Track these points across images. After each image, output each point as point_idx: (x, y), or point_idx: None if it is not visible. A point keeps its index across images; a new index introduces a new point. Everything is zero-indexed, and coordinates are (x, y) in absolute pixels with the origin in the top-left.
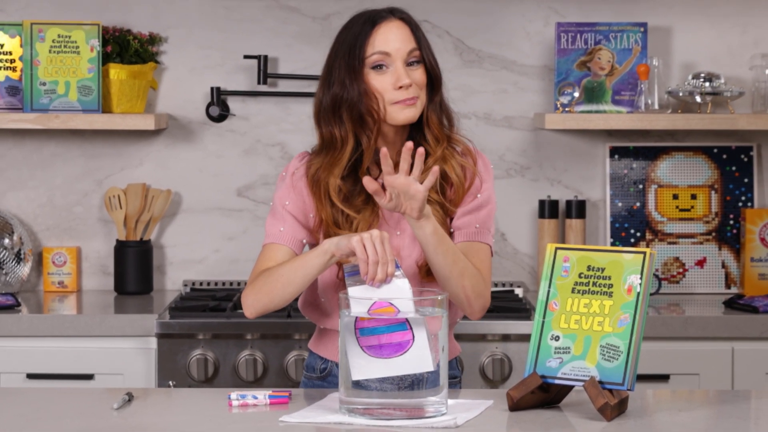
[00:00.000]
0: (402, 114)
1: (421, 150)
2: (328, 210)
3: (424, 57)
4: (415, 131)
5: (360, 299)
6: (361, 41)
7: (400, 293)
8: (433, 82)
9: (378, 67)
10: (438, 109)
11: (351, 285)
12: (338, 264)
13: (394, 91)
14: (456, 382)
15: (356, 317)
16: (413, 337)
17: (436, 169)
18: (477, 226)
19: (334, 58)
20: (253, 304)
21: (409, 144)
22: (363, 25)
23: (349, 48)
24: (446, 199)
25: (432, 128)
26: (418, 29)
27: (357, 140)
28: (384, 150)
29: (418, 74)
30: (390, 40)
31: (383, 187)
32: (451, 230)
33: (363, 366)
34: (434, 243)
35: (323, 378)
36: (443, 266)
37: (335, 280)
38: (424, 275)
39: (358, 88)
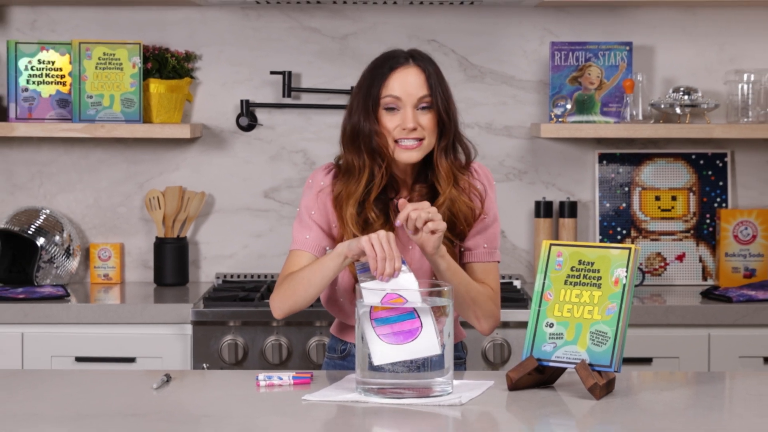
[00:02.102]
0: (404, 155)
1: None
2: (350, 233)
3: (434, 103)
4: (428, 169)
5: (373, 290)
6: (378, 83)
7: (407, 286)
8: (443, 126)
9: (390, 108)
10: (448, 150)
11: (363, 281)
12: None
13: (400, 131)
14: (461, 363)
15: (370, 309)
16: (421, 324)
17: (441, 225)
18: (485, 246)
19: (357, 90)
20: (280, 306)
21: (402, 201)
22: (382, 68)
23: (368, 87)
24: (455, 232)
25: (440, 170)
26: (432, 76)
27: (372, 172)
28: (402, 201)
29: (427, 119)
30: (404, 85)
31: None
32: (462, 250)
33: (381, 352)
34: (448, 277)
35: (343, 358)
36: (457, 295)
37: (352, 284)
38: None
39: (371, 125)
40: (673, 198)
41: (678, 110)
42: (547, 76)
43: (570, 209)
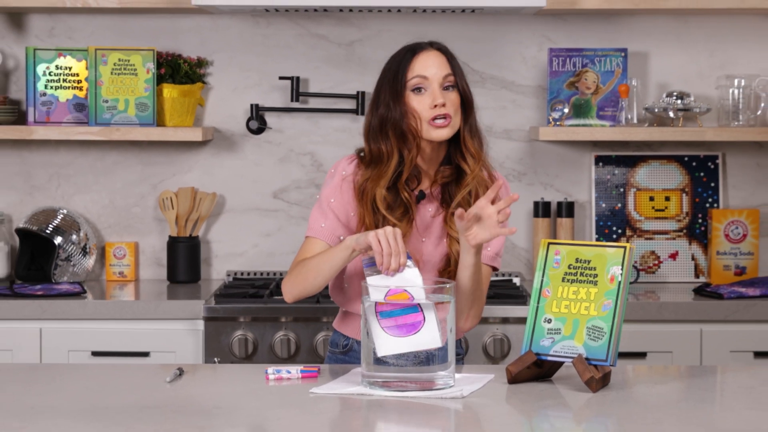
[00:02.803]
0: (436, 132)
1: (515, 196)
2: (371, 217)
3: (458, 82)
4: (453, 150)
5: (377, 287)
6: (404, 67)
7: (411, 280)
8: (466, 105)
9: (417, 89)
10: (472, 130)
11: (369, 275)
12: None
13: (430, 110)
14: (459, 358)
15: (375, 302)
16: (424, 318)
17: (514, 229)
18: (489, 248)
19: (381, 84)
20: (290, 291)
21: (499, 182)
22: (405, 54)
23: (393, 74)
24: None
25: (469, 148)
26: (453, 59)
27: (401, 155)
28: (498, 182)
29: (453, 97)
30: (428, 66)
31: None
32: None
33: (385, 344)
34: (471, 271)
35: (345, 353)
36: (467, 288)
37: (358, 271)
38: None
39: (401, 108)
40: (667, 198)
41: (671, 114)
42: (546, 81)
43: (567, 209)
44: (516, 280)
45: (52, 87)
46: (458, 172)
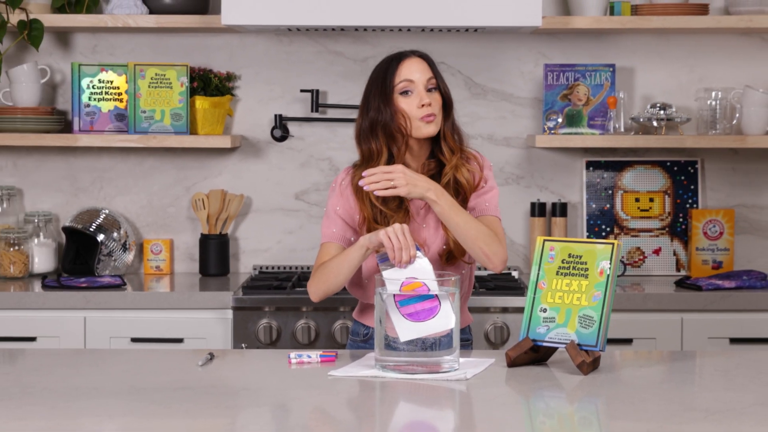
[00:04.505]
0: (425, 129)
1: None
2: (369, 209)
3: (439, 85)
4: (434, 146)
5: (393, 279)
6: (391, 73)
7: (423, 270)
8: (447, 105)
9: (404, 92)
10: (451, 127)
11: (384, 269)
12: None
13: (418, 110)
14: (468, 344)
15: (394, 294)
16: (439, 303)
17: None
18: (486, 204)
19: (369, 90)
20: (315, 292)
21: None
22: (391, 62)
23: (381, 80)
24: (459, 198)
25: (448, 141)
26: (433, 64)
27: (390, 152)
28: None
29: (436, 97)
30: (413, 71)
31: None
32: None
33: (407, 330)
34: (448, 214)
35: (365, 341)
36: (460, 231)
37: (376, 269)
38: (444, 261)
39: (390, 110)
40: (651, 200)
41: (655, 123)
42: (541, 93)
43: (561, 209)
44: (515, 274)
45: (95, 99)
46: (441, 165)
